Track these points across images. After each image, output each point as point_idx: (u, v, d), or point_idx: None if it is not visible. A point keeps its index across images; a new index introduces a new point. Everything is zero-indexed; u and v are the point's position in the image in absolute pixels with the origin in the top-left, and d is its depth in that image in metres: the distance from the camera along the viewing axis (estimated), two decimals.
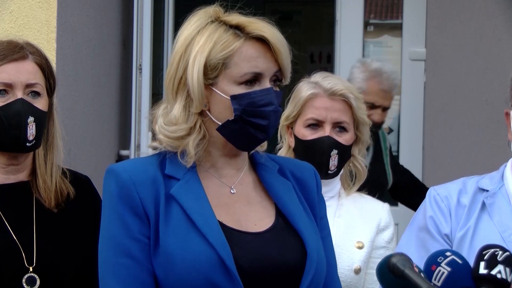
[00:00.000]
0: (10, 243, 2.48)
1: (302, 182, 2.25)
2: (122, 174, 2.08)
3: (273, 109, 2.11)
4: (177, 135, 2.12)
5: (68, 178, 2.63)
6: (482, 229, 2.48)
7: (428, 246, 2.52)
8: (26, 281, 2.45)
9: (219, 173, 2.17)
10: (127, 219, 2.06)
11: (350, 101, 2.93)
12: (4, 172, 2.56)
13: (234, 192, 2.16)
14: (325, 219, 2.30)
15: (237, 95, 2.10)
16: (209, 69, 2.10)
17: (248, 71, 2.10)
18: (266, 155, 2.26)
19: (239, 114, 2.09)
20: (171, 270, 2.02)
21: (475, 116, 4.98)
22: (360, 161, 3.02)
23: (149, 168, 2.11)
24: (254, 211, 2.15)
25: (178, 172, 2.11)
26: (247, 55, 2.10)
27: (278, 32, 2.15)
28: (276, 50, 2.11)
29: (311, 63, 8.57)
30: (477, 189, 2.56)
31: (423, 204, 2.62)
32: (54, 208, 2.55)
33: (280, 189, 2.19)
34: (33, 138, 2.51)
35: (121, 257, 2.05)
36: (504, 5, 4.92)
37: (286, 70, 2.15)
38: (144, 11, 4.75)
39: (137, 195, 2.06)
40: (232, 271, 2.00)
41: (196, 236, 2.03)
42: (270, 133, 2.14)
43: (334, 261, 2.28)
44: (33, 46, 2.60)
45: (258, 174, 2.22)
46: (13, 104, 2.49)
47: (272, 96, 2.11)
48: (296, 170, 2.27)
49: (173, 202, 2.08)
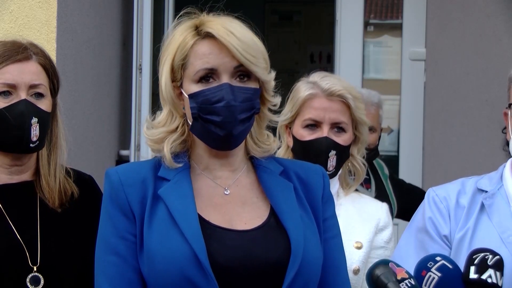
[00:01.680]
0: (14, 242, 2.48)
1: (306, 183, 2.25)
2: (113, 176, 2.16)
3: (224, 104, 2.09)
4: (155, 138, 2.18)
5: (72, 177, 2.63)
6: (481, 230, 2.48)
7: (427, 247, 2.51)
8: (30, 281, 2.46)
9: (213, 175, 2.19)
10: (116, 218, 2.13)
11: (348, 101, 2.92)
12: (7, 173, 2.57)
13: (228, 193, 2.18)
14: (332, 220, 2.28)
15: (192, 94, 2.13)
16: (174, 72, 2.16)
17: (200, 68, 2.12)
18: (272, 158, 2.26)
19: (196, 112, 2.12)
20: (152, 267, 2.06)
21: (475, 116, 4.97)
22: (359, 160, 3.01)
23: (142, 170, 2.17)
24: (247, 211, 2.17)
25: (169, 173, 2.16)
26: (199, 53, 2.13)
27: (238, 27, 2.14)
28: (226, 45, 2.10)
29: (311, 63, 8.57)
30: (476, 189, 2.56)
31: (421, 205, 2.61)
32: (58, 208, 2.56)
33: (276, 190, 2.20)
34: (36, 139, 2.52)
35: (109, 255, 2.12)
36: (504, 5, 4.92)
37: (249, 65, 2.12)
38: (144, 11, 4.75)
39: (124, 196, 2.13)
40: (205, 265, 2.02)
41: (175, 233, 2.07)
42: (231, 129, 2.11)
43: (341, 263, 2.25)
44: (36, 46, 2.60)
45: (257, 175, 2.23)
46: (17, 105, 2.50)
47: (225, 91, 2.10)
48: (301, 172, 2.27)
49: (160, 202, 2.12)
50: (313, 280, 2.14)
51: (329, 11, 6.45)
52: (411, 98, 5.27)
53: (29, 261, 2.48)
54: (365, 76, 5.51)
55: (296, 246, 2.10)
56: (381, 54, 5.81)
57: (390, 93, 5.88)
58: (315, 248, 2.16)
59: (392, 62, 5.70)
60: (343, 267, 2.26)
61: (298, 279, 2.08)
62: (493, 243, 2.40)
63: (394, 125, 5.55)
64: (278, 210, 2.16)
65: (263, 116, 2.24)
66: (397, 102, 5.41)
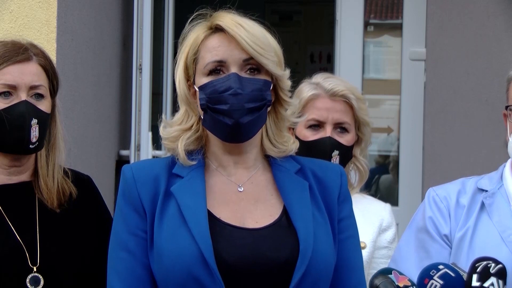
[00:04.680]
0: (13, 243, 2.49)
1: (323, 182, 2.25)
2: (127, 173, 2.19)
3: (232, 93, 2.11)
4: (170, 136, 2.21)
5: (70, 178, 2.64)
6: (481, 230, 2.48)
7: (427, 247, 2.51)
8: (30, 281, 2.46)
9: (228, 172, 2.20)
10: (127, 214, 2.15)
11: (351, 102, 2.93)
12: (6, 173, 2.57)
13: (242, 190, 2.19)
14: (349, 220, 2.27)
15: (202, 85, 2.15)
16: (187, 69, 2.18)
17: (209, 61, 2.15)
18: (290, 156, 2.26)
19: (205, 103, 2.13)
20: (160, 264, 2.08)
21: (475, 116, 4.97)
22: (362, 161, 3.02)
23: (155, 167, 2.19)
24: (260, 209, 2.17)
25: (184, 171, 2.17)
26: (209, 46, 2.16)
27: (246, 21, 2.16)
28: (234, 37, 2.12)
29: (311, 63, 8.57)
30: (476, 189, 2.56)
31: (422, 205, 2.61)
32: (56, 208, 2.56)
33: (290, 189, 2.20)
34: (36, 140, 2.52)
35: (120, 251, 2.14)
36: (504, 5, 4.91)
37: (258, 57, 2.14)
38: (144, 11, 4.75)
39: (136, 192, 2.15)
40: (211, 264, 2.02)
41: (184, 231, 2.07)
42: (238, 117, 2.12)
43: (357, 264, 2.24)
44: (36, 47, 2.61)
45: (273, 174, 2.23)
46: (17, 106, 2.50)
47: (232, 80, 2.12)
48: (318, 170, 2.27)
49: (171, 199, 2.13)
50: (322, 280, 2.13)
51: (329, 11, 6.45)
52: (411, 98, 5.27)
53: (29, 261, 2.48)
54: (365, 76, 5.50)
55: (305, 246, 2.10)
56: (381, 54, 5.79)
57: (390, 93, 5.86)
58: (326, 248, 2.15)
59: (392, 62, 5.69)
60: (359, 268, 2.25)
61: (306, 279, 2.08)
62: (493, 242, 2.41)
63: (394, 125, 5.54)
64: (290, 209, 2.16)
65: (281, 117, 2.25)
66: (397, 102, 5.41)
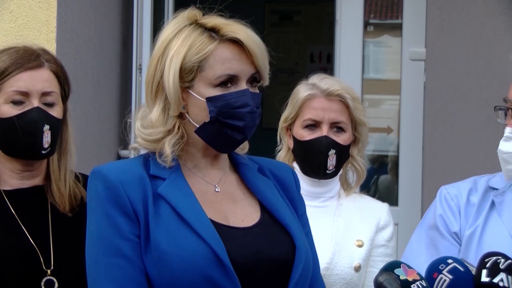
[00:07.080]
0: (27, 246, 2.51)
1: (281, 180, 2.28)
2: (109, 175, 2.10)
3: (249, 110, 2.12)
4: (153, 138, 2.16)
5: (81, 182, 2.66)
6: (490, 227, 2.49)
7: (437, 244, 2.54)
8: (45, 284, 2.47)
9: (203, 173, 2.19)
10: (117, 219, 2.08)
11: (347, 102, 2.95)
12: (19, 178, 2.59)
13: (219, 190, 2.19)
14: (305, 216, 2.32)
15: (212, 97, 2.12)
16: (184, 72, 2.13)
17: (222, 73, 2.12)
18: (246, 156, 2.28)
19: (214, 116, 2.11)
20: (165, 268, 2.04)
21: (475, 116, 4.97)
22: (359, 161, 3.04)
23: (134, 168, 2.14)
24: (240, 208, 2.18)
25: (163, 172, 2.14)
26: (221, 57, 2.12)
27: (254, 33, 2.16)
28: (251, 51, 2.12)
29: (311, 63, 8.56)
30: (488, 187, 2.58)
31: (433, 203, 2.64)
32: (68, 212, 2.58)
33: (262, 187, 2.22)
34: (48, 146, 2.54)
35: (113, 257, 2.07)
36: (504, 5, 4.91)
37: (263, 71, 2.16)
38: (144, 11, 4.75)
39: (125, 195, 2.08)
40: (228, 265, 2.02)
41: (189, 233, 2.05)
42: (248, 134, 2.15)
43: (317, 259, 2.29)
44: (48, 53, 2.63)
45: (240, 173, 2.24)
46: (29, 113, 2.52)
47: (248, 97, 2.12)
48: (274, 169, 2.30)
49: (161, 200, 2.10)
50: (310, 275, 2.17)
51: (329, 11, 6.45)
52: (411, 98, 5.27)
53: (43, 264, 2.49)
54: (365, 76, 5.49)
55: (300, 243, 2.13)
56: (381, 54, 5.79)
57: (390, 93, 5.86)
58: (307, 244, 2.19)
59: (392, 62, 5.69)
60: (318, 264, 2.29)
61: (303, 275, 2.11)
62: (502, 239, 2.42)
63: (394, 125, 5.54)
64: (270, 206, 2.18)
65: None
66: (397, 102, 5.41)
